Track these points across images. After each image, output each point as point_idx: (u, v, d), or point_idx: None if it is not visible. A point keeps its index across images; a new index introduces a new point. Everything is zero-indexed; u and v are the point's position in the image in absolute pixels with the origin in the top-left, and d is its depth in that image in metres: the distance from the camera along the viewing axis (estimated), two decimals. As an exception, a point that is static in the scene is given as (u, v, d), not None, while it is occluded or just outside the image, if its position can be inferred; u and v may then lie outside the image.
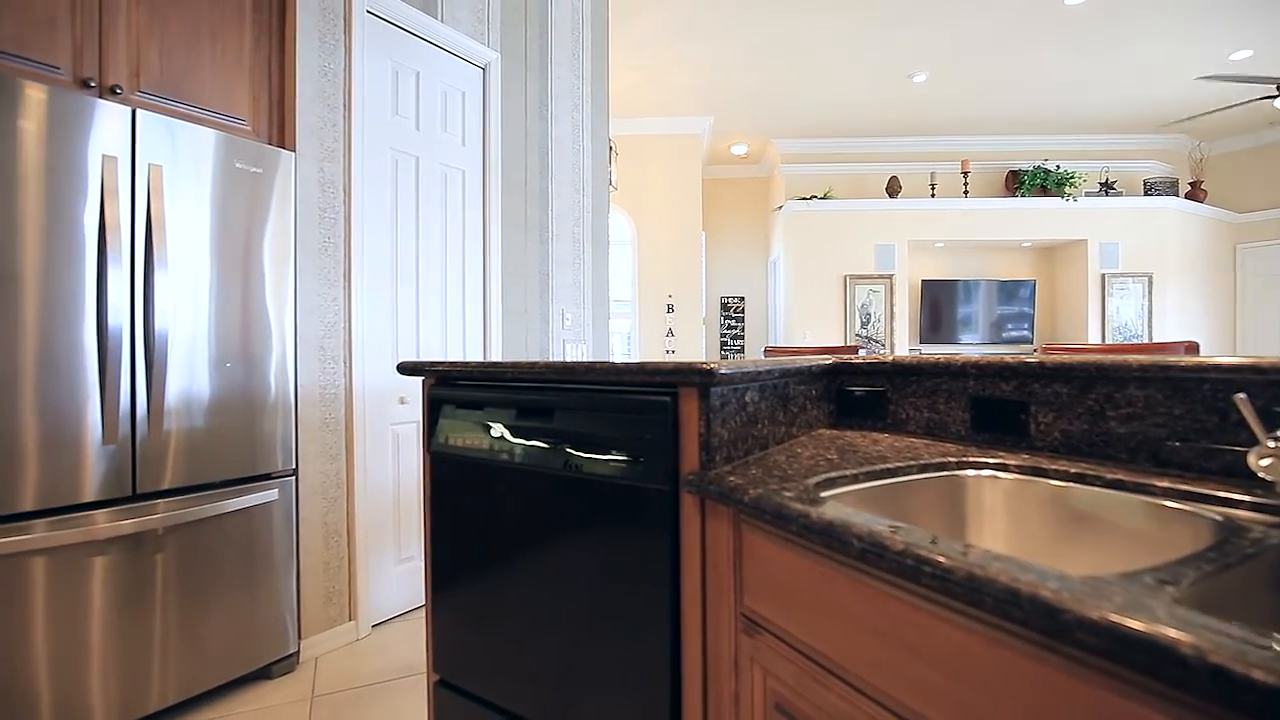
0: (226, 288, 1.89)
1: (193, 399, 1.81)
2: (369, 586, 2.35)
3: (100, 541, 1.64)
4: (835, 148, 7.05)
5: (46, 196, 1.55)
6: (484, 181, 2.84)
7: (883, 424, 1.34)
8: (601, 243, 3.53)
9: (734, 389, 1.01)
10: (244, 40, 2.06)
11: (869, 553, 0.62)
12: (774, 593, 0.82)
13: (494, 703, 1.27)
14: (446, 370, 1.30)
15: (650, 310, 6.34)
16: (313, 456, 2.17)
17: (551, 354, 3.19)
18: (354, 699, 1.90)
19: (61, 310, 1.57)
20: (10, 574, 1.50)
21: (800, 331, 6.72)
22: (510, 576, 1.22)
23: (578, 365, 1.07)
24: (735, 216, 7.88)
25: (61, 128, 1.57)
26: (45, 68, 1.66)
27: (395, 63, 2.47)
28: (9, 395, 1.50)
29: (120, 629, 1.68)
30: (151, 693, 1.73)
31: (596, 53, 3.53)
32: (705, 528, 0.95)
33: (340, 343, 2.25)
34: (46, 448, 1.55)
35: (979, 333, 6.85)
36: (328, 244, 2.22)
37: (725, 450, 0.98)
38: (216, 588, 1.87)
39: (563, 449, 1.10)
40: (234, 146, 1.90)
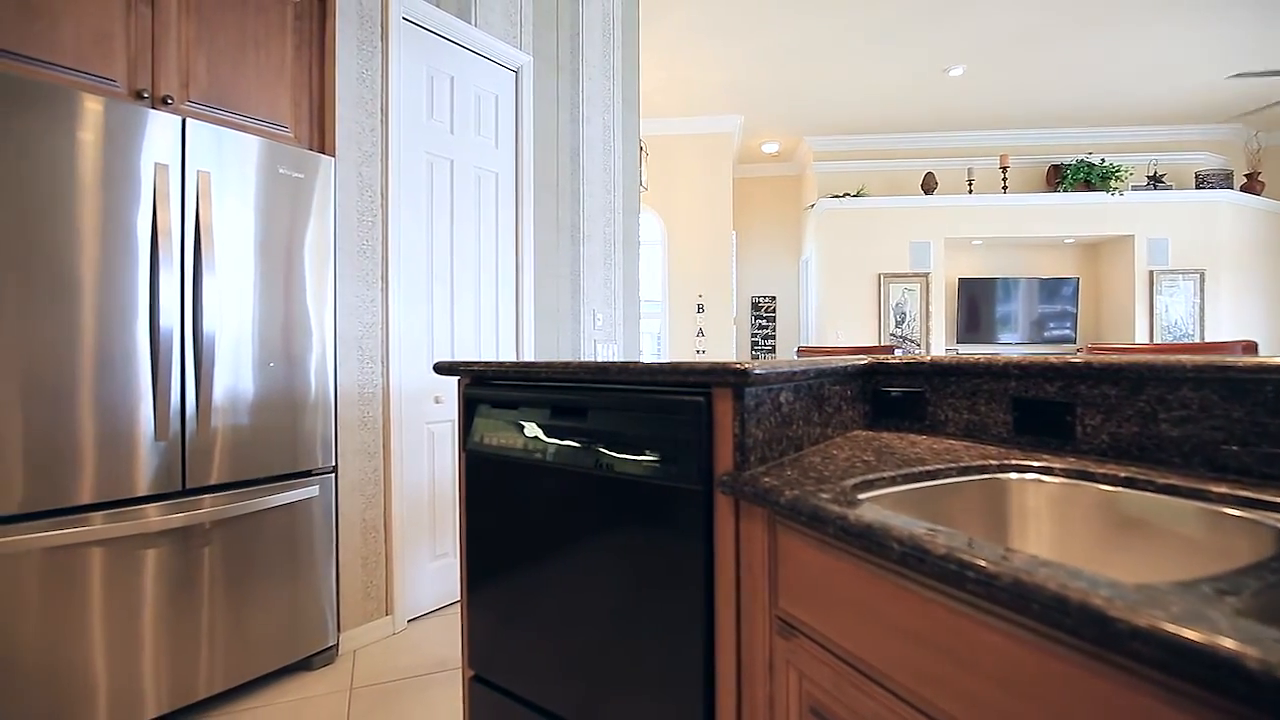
0: (269, 290, 1.95)
1: (238, 397, 1.87)
2: (405, 582, 2.39)
3: (152, 534, 1.71)
4: (869, 144, 6.94)
5: (103, 203, 1.62)
6: (516, 183, 2.87)
7: (920, 425, 1.32)
8: (632, 243, 3.54)
9: (768, 389, 1.00)
10: (286, 49, 2.12)
11: (909, 557, 0.61)
12: (810, 595, 0.81)
13: (527, 699, 1.29)
14: (481, 370, 1.32)
15: (680, 310, 6.33)
16: (351, 454, 2.22)
17: (583, 354, 3.21)
18: (391, 692, 1.94)
19: (117, 312, 1.64)
20: (71, 563, 1.58)
21: (833, 331, 6.63)
22: (544, 574, 1.23)
23: (611, 365, 1.08)
24: (766, 215, 7.81)
25: (117, 138, 1.64)
26: (103, 80, 1.74)
27: (430, 68, 2.52)
28: (69, 393, 1.57)
29: (170, 618, 1.74)
30: (199, 680, 1.80)
31: (627, 54, 3.54)
32: (739, 529, 0.95)
33: (378, 343, 2.31)
34: (103, 443, 1.62)
35: (1019, 332, 6.66)
36: (366, 246, 2.27)
37: (760, 451, 0.98)
38: (260, 580, 1.92)
39: (596, 448, 1.11)
40: (277, 152, 1.96)
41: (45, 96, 1.53)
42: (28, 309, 1.51)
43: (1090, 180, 6.36)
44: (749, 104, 6.02)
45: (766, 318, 7.66)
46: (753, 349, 7.68)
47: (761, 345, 7.65)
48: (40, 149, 1.53)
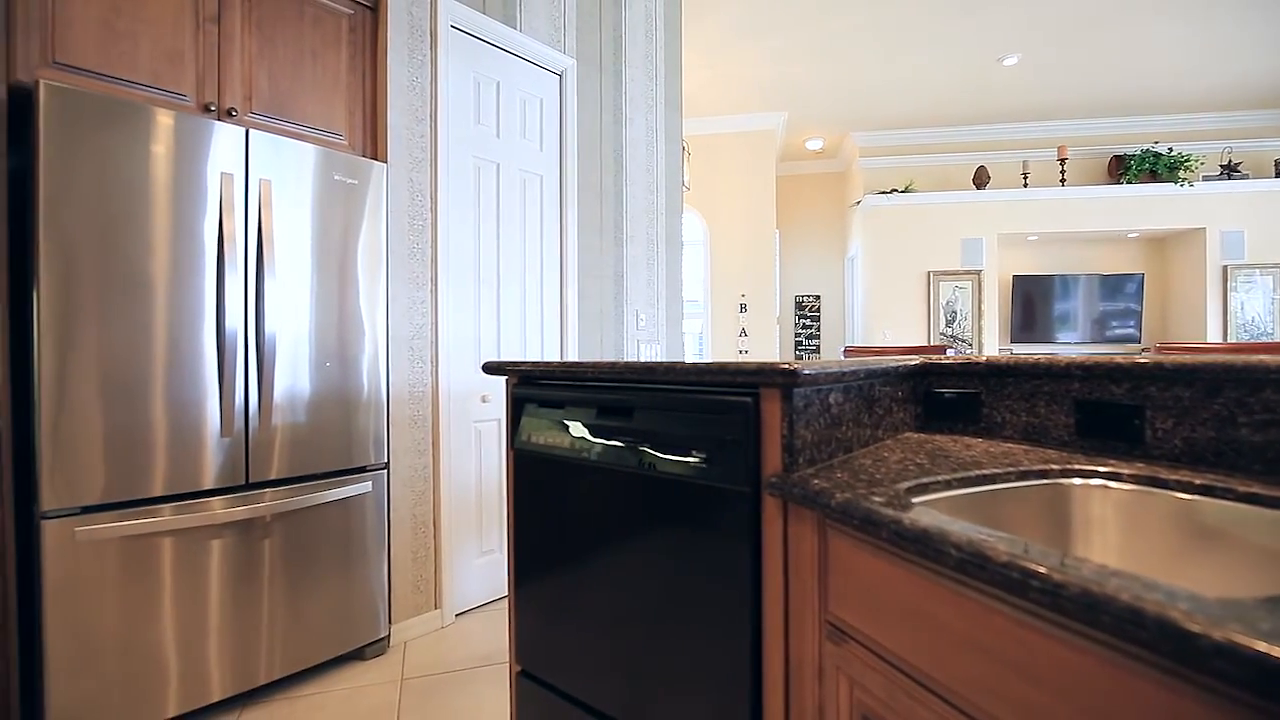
0: (325, 292, 2.02)
1: (296, 396, 1.95)
2: (453, 577, 2.45)
3: (217, 526, 1.80)
4: (917, 139, 6.76)
5: (174, 211, 1.71)
6: (561, 185, 2.91)
7: (975, 428, 1.28)
8: (675, 243, 3.54)
9: (817, 390, 0.98)
10: (341, 60, 2.20)
11: (968, 563, 0.59)
12: (862, 601, 0.79)
13: (573, 696, 1.30)
14: (529, 370, 1.34)
15: (723, 310, 6.29)
16: (402, 451, 2.29)
17: (626, 354, 3.22)
18: (440, 684, 1.99)
19: (187, 314, 1.73)
20: (144, 552, 1.67)
21: (880, 331, 6.48)
22: (590, 572, 1.24)
23: (658, 365, 1.08)
24: (810, 213, 7.69)
25: (186, 149, 1.73)
26: (174, 95, 1.84)
27: (477, 74, 2.57)
28: (144, 391, 1.66)
29: (233, 606, 1.82)
30: (260, 666, 1.88)
31: (669, 54, 3.54)
32: (788, 531, 0.94)
33: (427, 343, 2.37)
34: (173, 439, 1.71)
35: (1078, 331, 6.38)
36: (416, 249, 2.33)
37: (808, 453, 0.96)
38: (317, 572, 2.00)
39: (642, 448, 1.11)
40: (332, 160, 2.03)
41: (124, 112, 1.63)
42: (108, 311, 1.60)
43: (1156, 171, 6.04)
44: (793, 100, 5.94)
45: (810, 317, 7.54)
46: (796, 349, 7.57)
47: (805, 345, 7.54)
48: (119, 161, 1.62)
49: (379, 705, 1.86)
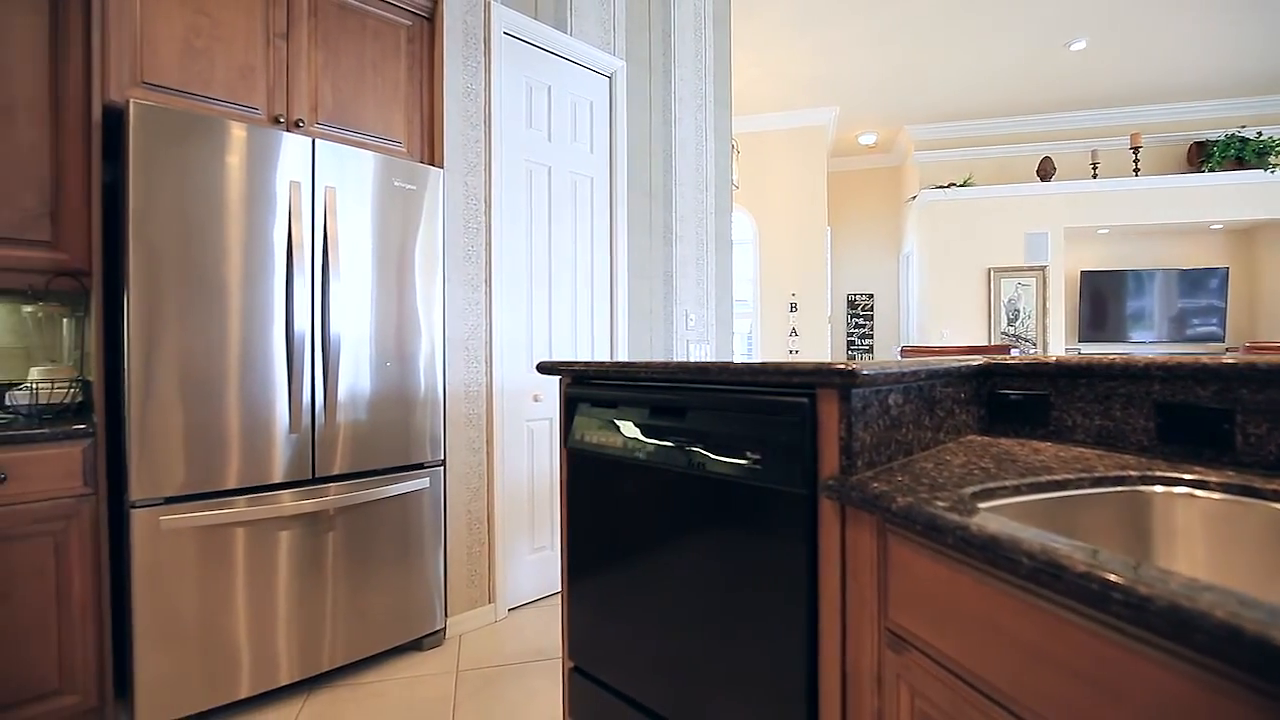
0: (384, 294, 2.09)
1: (358, 394, 2.02)
2: (506, 572, 2.50)
3: (285, 517, 1.88)
4: (976, 130, 6.51)
5: (246, 219, 1.80)
6: (611, 187, 2.93)
7: (1044, 431, 1.22)
8: (725, 242, 3.51)
9: (876, 391, 0.96)
10: (400, 70, 2.27)
11: (1042, 573, 0.57)
12: (925, 608, 0.77)
13: (625, 693, 1.31)
14: (582, 370, 1.35)
15: (772, 309, 6.21)
16: (458, 448, 2.35)
17: (675, 354, 3.22)
18: (494, 676, 2.03)
19: (258, 316, 1.82)
20: (219, 541, 1.76)
21: (937, 330, 6.27)
22: (642, 572, 1.24)
23: (712, 365, 1.07)
24: (863, 210, 7.51)
25: (258, 159, 1.82)
26: (247, 109, 1.93)
27: (529, 78, 2.61)
28: (220, 390, 1.76)
29: (300, 595, 1.91)
30: (324, 653, 1.96)
31: (719, 52, 3.51)
32: (845, 535, 0.92)
33: (482, 343, 2.42)
34: (246, 435, 1.81)
35: (1154, 329, 6.02)
36: (471, 252, 2.39)
37: (867, 455, 0.94)
38: (377, 565, 2.07)
39: (695, 449, 1.11)
40: (392, 166, 2.10)
41: (202, 126, 1.72)
42: (187, 314, 1.70)
43: (1243, 157, 5.64)
44: (845, 94, 5.81)
45: (863, 316, 7.36)
46: (849, 349, 7.40)
47: (858, 345, 7.37)
48: (198, 173, 1.72)
49: (436, 696, 1.92)
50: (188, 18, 1.83)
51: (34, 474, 1.59)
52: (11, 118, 1.73)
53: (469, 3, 2.38)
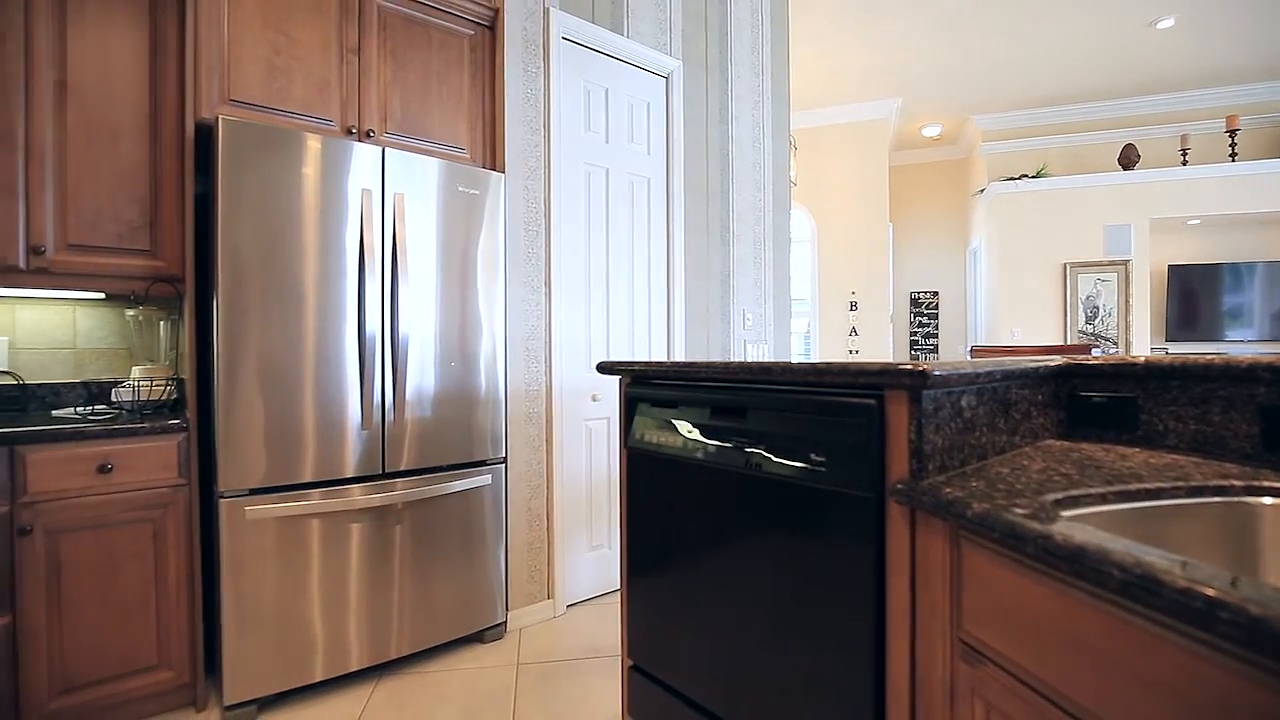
0: (449, 296, 2.16)
1: (424, 392, 2.10)
2: (564, 569, 2.54)
3: (356, 511, 1.97)
4: (1049, 118, 6.18)
5: (321, 225, 1.89)
6: (667, 187, 2.93)
7: (1131, 436, 1.15)
8: (783, 241, 3.46)
9: (948, 392, 0.93)
10: (463, 79, 2.34)
11: (1135, 587, 0.53)
12: (1002, 620, 0.74)
13: (684, 694, 1.30)
14: (642, 370, 1.36)
15: (831, 308, 6.07)
16: (518, 446, 2.40)
17: (732, 354, 3.19)
18: (553, 671, 2.07)
19: (332, 318, 1.91)
20: (297, 532, 1.86)
21: (1008, 329, 5.99)
22: (701, 572, 1.24)
23: (774, 365, 1.06)
24: (927, 204, 7.25)
25: (332, 169, 1.91)
26: (321, 121, 2.04)
27: (586, 82, 2.65)
28: (297, 388, 1.85)
29: (369, 586, 1.99)
30: (391, 642, 2.04)
31: (776, 49, 3.46)
32: (915, 541, 0.89)
33: (541, 343, 2.47)
34: (321, 431, 1.90)
35: (1254, 328, 5.56)
36: (531, 254, 2.44)
37: (938, 459, 0.91)
38: (441, 558, 2.14)
39: (756, 450, 1.10)
40: (455, 172, 2.16)
41: (282, 139, 1.82)
42: (267, 316, 1.81)
43: (1359, 139, 5.14)
44: (907, 85, 5.62)
45: (928, 315, 7.11)
46: (911, 349, 7.16)
47: (922, 345, 7.11)
48: (277, 183, 1.82)
49: (498, 687, 1.97)
50: (270, 37, 1.94)
51: (136, 465, 1.72)
52: (118, 139, 1.88)
53: (528, 10, 2.43)
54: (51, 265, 1.80)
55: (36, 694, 1.60)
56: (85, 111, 1.84)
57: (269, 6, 1.94)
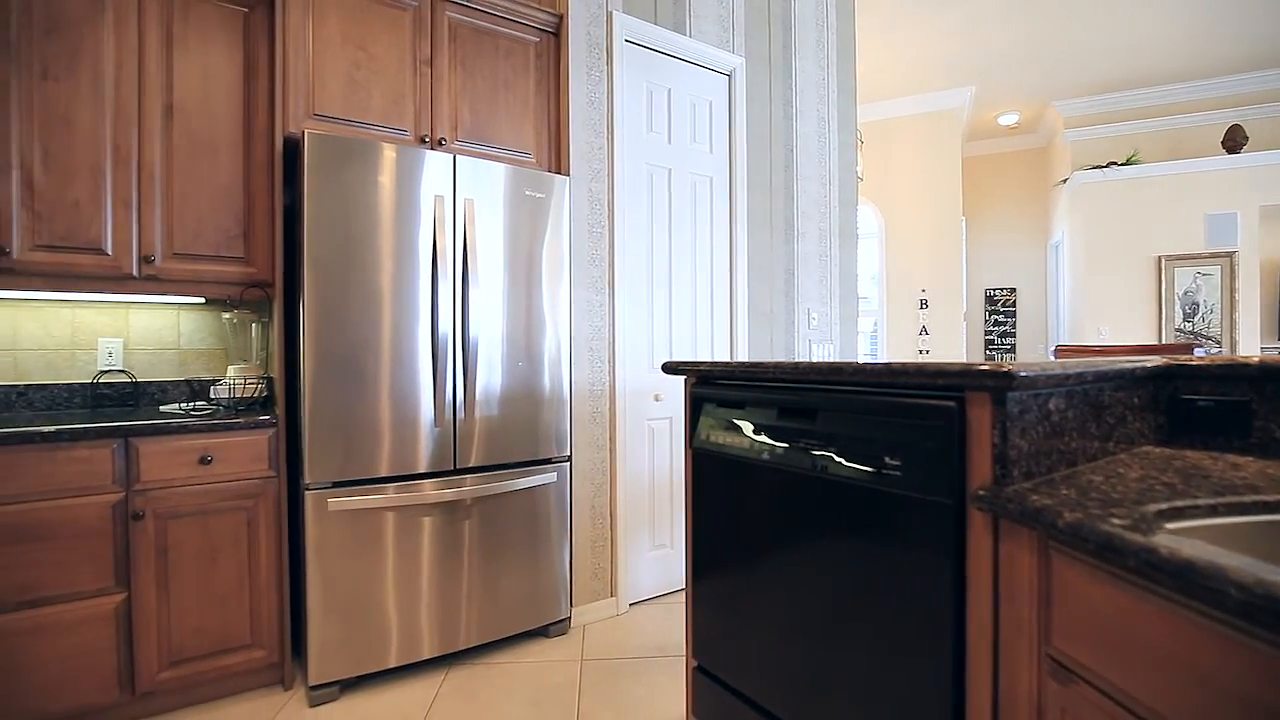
0: (515, 298, 2.21)
1: (492, 392, 2.16)
2: (627, 567, 2.56)
3: (428, 505, 2.04)
4: (1141, 100, 5.75)
5: (396, 231, 1.98)
6: (730, 186, 2.91)
7: (1243, 444, 1.06)
8: (850, 237, 3.37)
9: (1036, 394, 0.88)
10: (529, 85, 2.40)
11: (1259, 608, 0.49)
12: (1097, 637, 0.69)
13: (751, 697, 1.29)
14: (708, 370, 1.35)
15: (899, 307, 5.87)
16: (582, 445, 2.43)
17: (797, 354, 3.13)
18: (617, 668, 2.09)
19: (407, 320, 1.99)
20: (373, 524, 1.95)
21: (1094, 327, 5.63)
22: (768, 575, 1.22)
23: (846, 365, 1.04)
24: (1004, 197, 6.89)
25: (406, 176, 1.99)
26: (397, 131, 2.13)
27: (649, 83, 2.66)
28: (375, 386, 1.94)
29: (440, 577, 2.07)
30: (460, 632, 2.10)
31: (843, 40, 3.37)
32: (998, 550, 0.85)
33: (605, 344, 2.50)
34: (396, 428, 1.98)
35: (1384, 324, 5.02)
36: (595, 255, 2.47)
37: (1024, 465, 0.86)
38: (508, 553, 2.20)
39: (826, 452, 1.07)
40: (522, 176, 2.22)
41: (361, 150, 1.92)
42: (347, 318, 1.90)
43: None
44: (982, 72, 5.37)
45: (1004, 313, 6.76)
46: (987, 349, 6.83)
47: (998, 344, 6.77)
48: (356, 191, 1.91)
49: (562, 681, 2.00)
50: (350, 54, 2.04)
51: (232, 457, 1.84)
52: (216, 155, 2.02)
53: (592, 15, 2.46)
54: (160, 273, 1.96)
55: (148, 665, 1.74)
56: (189, 131, 1.99)
57: (349, 24, 2.04)
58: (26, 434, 1.59)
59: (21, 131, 1.79)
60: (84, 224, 1.86)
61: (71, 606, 1.65)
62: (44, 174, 1.81)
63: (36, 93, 1.80)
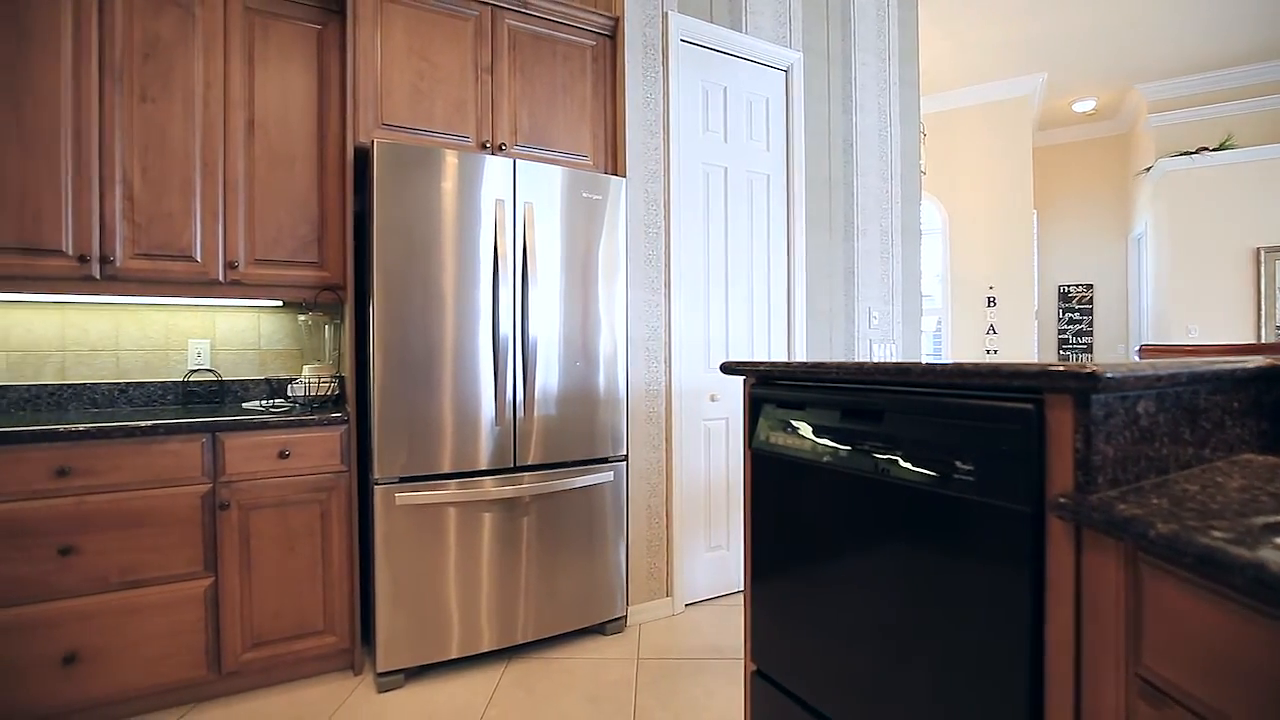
0: (572, 299, 2.24)
1: (550, 391, 2.20)
2: (683, 568, 2.55)
3: (488, 501, 2.10)
4: (1236, 80, 5.34)
5: (458, 235, 2.04)
6: (788, 183, 2.86)
7: (1362, 452, 0.97)
8: (912, 233, 3.26)
9: (1122, 397, 0.83)
10: (586, 89, 2.43)
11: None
12: (1195, 658, 0.65)
13: (810, 704, 1.27)
14: (768, 370, 1.33)
15: (965, 305, 5.64)
16: (638, 445, 2.45)
17: (857, 354, 3.06)
18: (673, 668, 2.09)
19: (469, 320, 2.05)
20: (437, 518, 2.02)
21: (1183, 326, 5.26)
22: (830, 580, 1.20)
23: (914, 366, 1.00)
24: (1079, 188, 6.53)
25: (468, 182, 2.05)
26: (458, 138, 2.19)
27: (705, 82, 2.64)
28: (439, 385, 2.01)
29: (499, 572, 2.12)
30: (518, 627, 2.15)
31: (904, 30, 3.27)
32: (1081, 562, 0.80)
33: (661, 344, 2.50)
34: (459, 426, 2.04)
35: None
36: (651, 256, 2.48)
37: (1110, 472, 0.82)
38: (565, 550, 2.23)
39: (892, 456, 1.04)
40: (579, 179, 2.25)
41: (425, 157, 1.98)
42: (412, 318, 1.97)
43: None
44: (1054, 57, 5.10)
45: (1079, 310, 6.40)
46: (1060, 348, 6.48)
47: (1073, 344, 6.42)
48: (422, 196, 1.98)
49: (619, 679, 2.02)
50: (415, 64, 2.12)
51: (308, 452, 1.94)
52: (292, 166, 2.14)
53: (647, 16, 2.47)
54: (243, 277, 2.08)
55: (233, 645, 1.85)
56: (268, 143, 2.11)
57: (414, 36, 2.12)
58: (128, 428, 1.73)
59: (124, 150, 1.93)
60: (176, 233, 2.00)
61: (167, 588, 1.78)
62: (143, 188, 1.96)
63: (137, 113, 1.95)
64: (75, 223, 1.88)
